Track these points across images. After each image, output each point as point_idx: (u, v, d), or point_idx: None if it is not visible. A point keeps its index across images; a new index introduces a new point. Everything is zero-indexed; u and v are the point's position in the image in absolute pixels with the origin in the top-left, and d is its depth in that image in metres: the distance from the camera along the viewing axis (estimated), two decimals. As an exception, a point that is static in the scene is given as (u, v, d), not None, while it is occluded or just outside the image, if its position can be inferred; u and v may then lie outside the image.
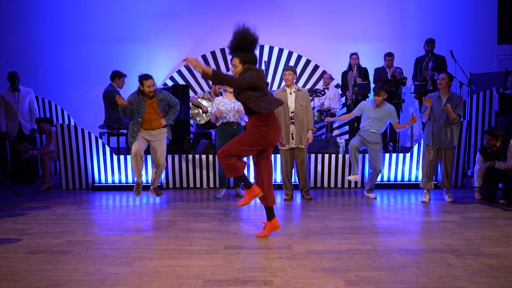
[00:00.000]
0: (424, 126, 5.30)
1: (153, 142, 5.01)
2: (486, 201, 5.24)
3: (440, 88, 5.07)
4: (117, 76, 6.38)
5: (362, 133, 5.40)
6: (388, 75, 6.90)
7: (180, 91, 6.48)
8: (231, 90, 5.28)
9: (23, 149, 6.31)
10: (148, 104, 4.91)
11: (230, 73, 3.59)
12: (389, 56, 7.08)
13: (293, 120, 5.17)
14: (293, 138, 5.20)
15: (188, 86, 6.99)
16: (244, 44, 3.46)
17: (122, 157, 6.16)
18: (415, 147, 6.18)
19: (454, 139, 5.12)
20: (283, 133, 5.18)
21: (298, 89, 5.21)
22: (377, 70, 7.17)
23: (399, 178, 6.24)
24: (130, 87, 6.47)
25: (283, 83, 5.30)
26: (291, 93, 5.19)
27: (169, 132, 5.16)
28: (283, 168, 5.37)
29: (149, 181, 5.36)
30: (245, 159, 4.03)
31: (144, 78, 4.85)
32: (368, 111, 5.37)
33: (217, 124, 5.43)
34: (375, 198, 5.42)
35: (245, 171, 3.68)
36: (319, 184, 6.23)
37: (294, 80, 5.20)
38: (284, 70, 5.23)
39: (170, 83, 8.02)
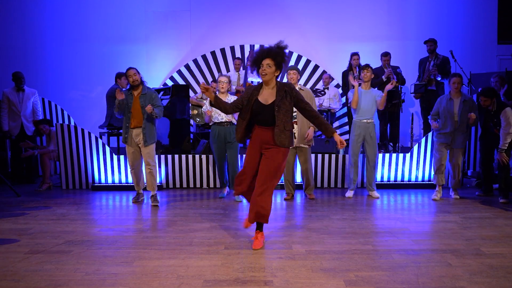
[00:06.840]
0: (431, 126, 5.45)
1: (140, 144, 5.01)
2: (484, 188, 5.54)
3: (454, 90, 5.16)
4: (118, 76, 6.44)
5: (357, 128, 5.36)
6: (383, 76, 6.87)
7: (180, 92, 6.49)
8: (223, 90, 5.20)
9: (25, 146, 6.28)
10: (134, 99, 4.93)
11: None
12: (385, 56, 7.05)
13: (295, 120, 5.14)
14: (295, 138, 5.18)
15: (188, 86, 6.98)
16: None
17: (122, 157, 6.15)
18: (415, 147, 6.18)
19: (466, 138, 5.31)
20: None
21: (300, 89, 5.17)
22: (373, 71, 7.14)
23: (399, 178, 6.24)
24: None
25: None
26: None
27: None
28: (284, 168, 5.34)
29: (146, 186, 5.21)
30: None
31: (127, 70, 4.95)
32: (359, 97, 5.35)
33: (210, 124, 5.39)
34: (378, 197, 5.44)
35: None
36: (319, 184, 6.23)
37: (298, 80, 5.19)
38: (288, 69, 5.20)
39: (170, 83, 8.02)
